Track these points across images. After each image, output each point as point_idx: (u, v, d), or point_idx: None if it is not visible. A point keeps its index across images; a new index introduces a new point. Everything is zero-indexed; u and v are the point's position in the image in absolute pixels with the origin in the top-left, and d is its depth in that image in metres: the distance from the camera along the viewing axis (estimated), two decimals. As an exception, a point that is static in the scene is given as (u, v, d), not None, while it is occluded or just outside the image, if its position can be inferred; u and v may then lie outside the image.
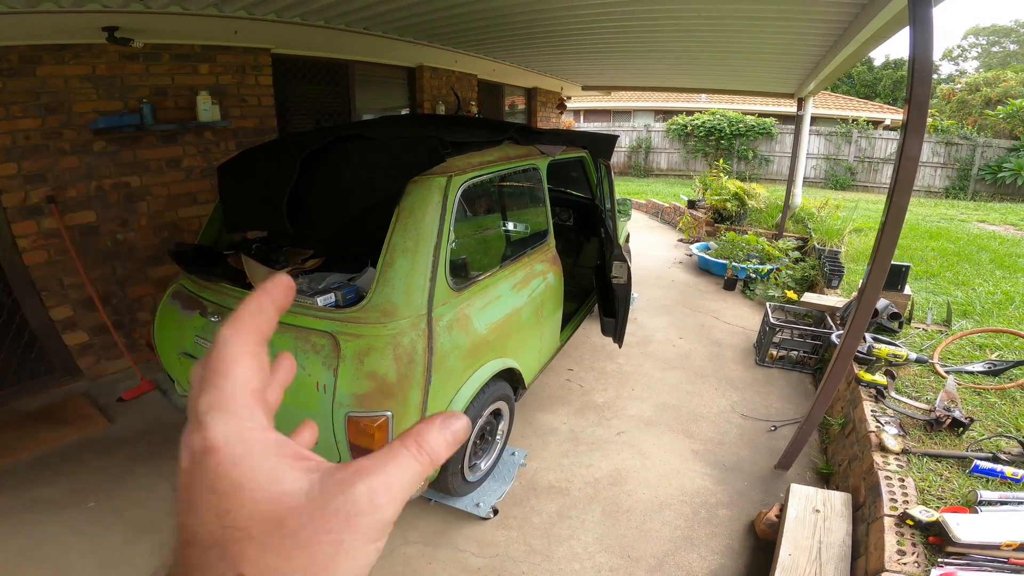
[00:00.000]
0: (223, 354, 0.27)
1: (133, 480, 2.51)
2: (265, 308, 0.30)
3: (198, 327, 2.03)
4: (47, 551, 2.09)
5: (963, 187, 12.09)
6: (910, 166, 1.96)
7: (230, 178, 2.32)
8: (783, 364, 3.79)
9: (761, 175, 13.53)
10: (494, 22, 3.96)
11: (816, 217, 6.50)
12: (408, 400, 1.75)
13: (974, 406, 2.53)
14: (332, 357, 1.72)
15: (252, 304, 0.29)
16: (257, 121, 3.91)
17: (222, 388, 0.26)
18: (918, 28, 1.86)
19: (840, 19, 3.08)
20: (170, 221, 3.55)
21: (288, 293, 0.31)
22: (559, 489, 2.54)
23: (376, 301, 1.78)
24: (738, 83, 6.60)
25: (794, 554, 1.93)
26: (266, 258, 2.24)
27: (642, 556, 2.17)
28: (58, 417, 2.93)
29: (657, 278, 5.79)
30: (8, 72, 2.71)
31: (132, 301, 3.44)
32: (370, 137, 2.18)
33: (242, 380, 0.27)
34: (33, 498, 2.36)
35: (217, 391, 0.26)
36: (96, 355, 3.31)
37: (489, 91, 7.08)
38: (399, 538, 2.22)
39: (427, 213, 1.88)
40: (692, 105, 15.80)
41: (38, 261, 2.98)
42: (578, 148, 3.26)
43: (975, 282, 4.47)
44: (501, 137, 2.48)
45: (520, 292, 2.42)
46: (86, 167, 3.09)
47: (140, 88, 3.22)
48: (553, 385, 3.47)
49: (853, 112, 14.65)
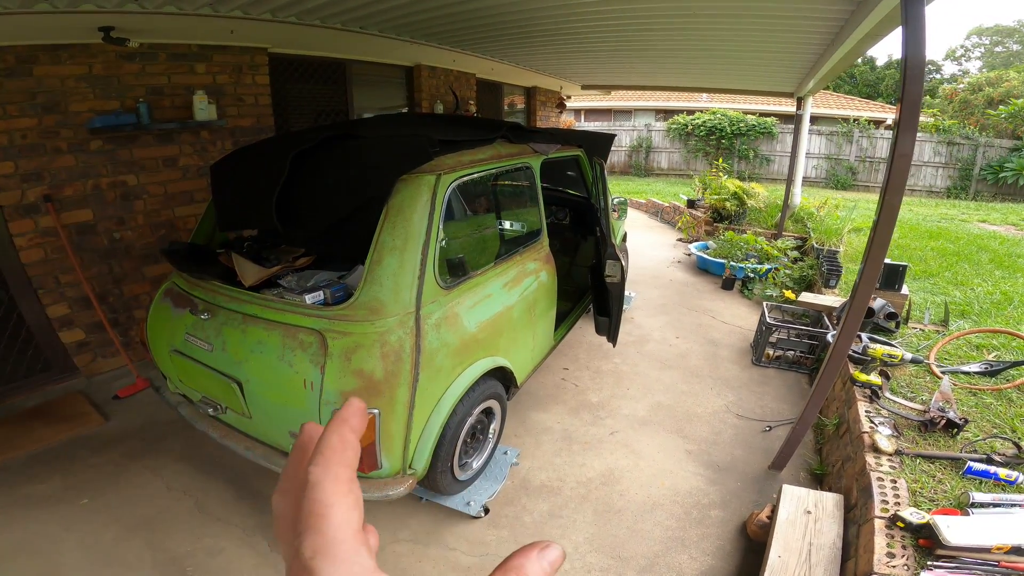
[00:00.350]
0: (318, 496, 0.27)
1: (127, 477, 2.51)
2: (347, 439, 0.29)
3: (188, 325, 2.04)
4: (39, 547, 2.09)
5: (965, 187, 12.04)
6: (903, 164, 1.95)
7: (222, 177, 2.32)
8: (779, 364, 3.78)
9: (762, 175, 13.49)
10: (492, 21, 3.96)
11: (815, 217, 6.48)
12: (396, 398, 1.75)
13: (969, 407, 2.51)
14: (320, 355, 1.72)
15: (334, 439, 0.29)
16: (254, 120, 3.92)
17: (325, 532, 0.26)
18: (910, 27, 1.85)
19: (836, 17, 3.07)
20: (167, 219, 3.56)
21: (363, 416, 0.31)
22: (551, 488, 2.54)
23: (364, 299, 1.78)
24: (738, 82, 6.58)
25: (784, 556, 1.92)
26: (257, 256, 2.24)
27: (632, 556, 2.16)
28: (54, 414, 2.94)
29: (655, 277, 5.78)
30: (4, 72, 2.73)
31: (128, 299, 3.46)
32: (360, 136, 2.18)
33: (344, 522, 0.26)
34: (27, 495, 2.37)
35: (320, 536, 0.26)
36: (92, 353, 3.33)
37: (488, 90, 7.08)
38: (389, 536, 2.22)
39: (415, 211, 1.88)
40: (693, 104, 15.77)
41: (35, 259, 3.00)
42: (573, 147, 3.25)
43: (974, 282, 4.45)
44: (493, 135, 2.48)
45: (512, 291, 2.42)
46: (83, 166, 3.11)
47: (136, 88, 3.24)
48: (548, 384, 3.47)
49: (855, 112, 14.61)
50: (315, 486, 0.27)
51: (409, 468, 1.92)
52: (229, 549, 2.13)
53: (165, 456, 2.67)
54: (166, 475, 2.54)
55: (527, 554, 0.29)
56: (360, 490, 0.29)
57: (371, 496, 1.84)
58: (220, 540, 2.17)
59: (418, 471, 1.94)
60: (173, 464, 2.62)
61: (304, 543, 0.26)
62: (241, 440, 2.07)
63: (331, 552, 0.25)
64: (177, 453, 2.70)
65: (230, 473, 2.56)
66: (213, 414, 2.11)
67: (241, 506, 2.36)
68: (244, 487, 2.47)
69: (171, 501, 2.38)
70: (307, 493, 0.27)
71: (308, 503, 0.27)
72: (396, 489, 1.85)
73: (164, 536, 2.19)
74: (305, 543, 0.26)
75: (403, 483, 1.88)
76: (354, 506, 0.28)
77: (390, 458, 1.82)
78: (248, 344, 1.85)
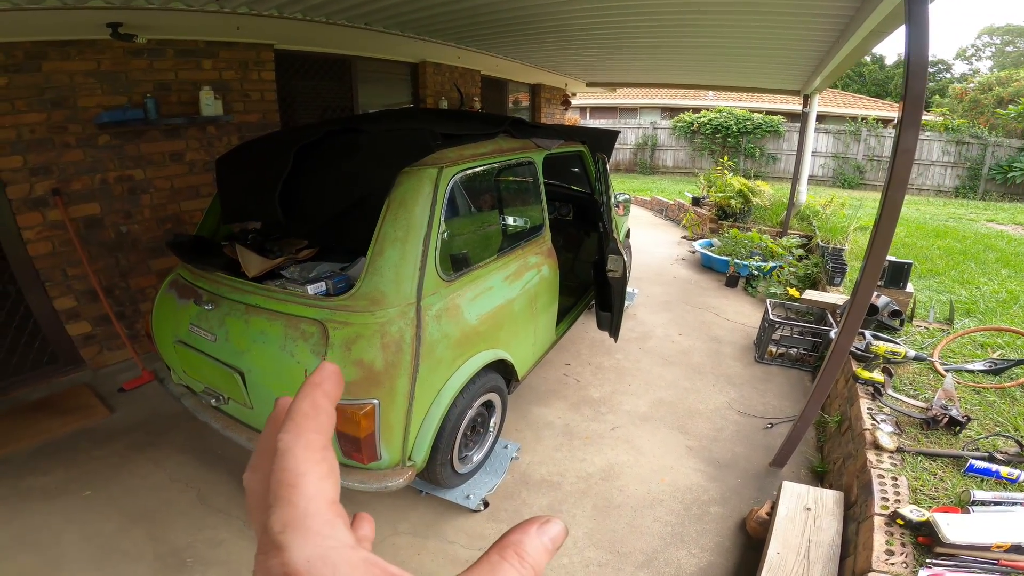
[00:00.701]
0: (288, 464, 0.25)
1: (129, 469, 2.54)
2: (320, 404, 0.27)
3: (193, 315, 2.06)
4: (40, 538, 2.11)
5: (973, 187, 11.93)
6: (906, 159, 1.94)
7: (227, 170, 2.35)
8: (782, 362, 3.77)
9: (768, 173, 13.42)
10: (496, 17, 3.96)
11: (821, 215, 6.45)
12: (395, 388, 1.76)
13: (973, 405, 2.50)
14: (320, 344, 1.73)
15: (305, 404, 0.27)
16: (260, 116, 3.95)
17: (295, 503, 0.23)
18: (913, 24, 1.84)
19: (842, 13, 3.05)
20: (173, 214, 3.60)
21: (338, 381, 0.29)
22: (551, 483, 2.54)
23: (365, 290, 1.80)
24: (744, 80, 6.55)
25: (782, 552, 1.91)
26: (261, 248, 2.26)
27: (631, 552, 2.17)
28: (60, 407, 2.97)
29: (658, 274, 5.77)
30: (13, 68, 2.76)
31: (135, 292, 3.49)
32: (363, 130, 2.20)
33: (317, 492, 0.24)
34: (29, 487, 2.39)
35: (291, 507, 0.23)
36: (99, 345, 3.37)
37: (493, 87, 7.08)
38: (389, 528, 2.24)
39: (417, 204, 1.89)
40: (699, 103, 15.69)
41: (42, 252, 3.03)
42: (576, 143, 3.25)
43: (980, 281, 4.41)
44: (495, 130, 2.49)
45: (513, 284, 2.42)
46: (91, 160, 3.14)
47: (144, 83, 3.27)
48: (550, 379, 3.48)
49: (863, 111, 14.49)
50: (285, 453, 0.25)
51: (408, 459, 1.93)
52: (229, 540, 2.15)
53: (168, 448, 2.70)
54: (169, 467, 2.56)
55: (525, 529, 0.27)
56: (335, 458, 0.27)
57: (370, 487, 1.85)
58: (220, 531, 2.19)
59: (417, 463, 1.95)
60: (176, 456, 2.64)
61: (273, 516, 0.23)
62: (243, 431, 2.09)
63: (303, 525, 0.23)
64: (180, 445, 2.72)
65: (232, 465, 2.58)
66: (215, 405, 2.13)
67: (242, 498, 2.34)
68: (246, 479, 2.50)
69: (173, 493, 2.40)
70: (276, 462, 0.25)
71: (277, 472, 0.25)
72: (395, 480, 1.86)
73: (165, 527, 2.20)
74: (274, 516, 0.23)
75: (402, 474, 1.89)
76: (327, 474, 0.25)
77: (389, 449, 1.83)
78: (251, 334, 1.87)
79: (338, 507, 0.25)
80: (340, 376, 0.30)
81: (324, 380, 0.28)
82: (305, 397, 0.27)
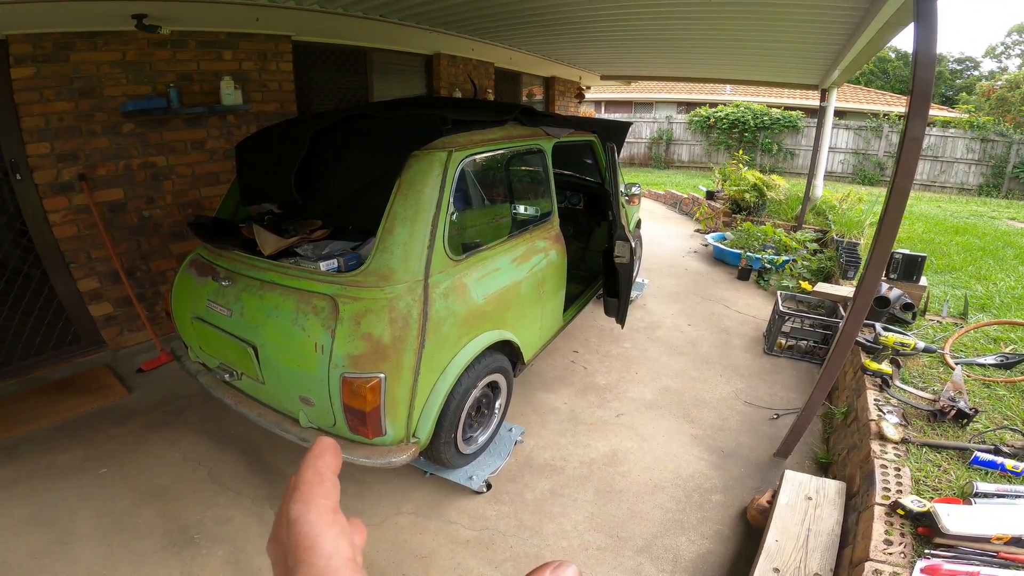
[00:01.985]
0: (303, 528, 0.27)
1: (145, 448, 2.59)
2: (323, 473, 0.30)
3: (211, 292, 2.14)
4: (55, 515, 2.16)
5: (997, 185, 11.63)
6: (914, 147, 1.94)
7: (246, 154, 2.43)
8: (792, 354, 3.75)
9: (786, 169, 13.22)
10: (511, 9, 3.98)
11: (837, 210, 6.36)
12: (401, 363, 1.81)
13: (982, 398, 2.47)
14: (331, 319, 1.79)
15: (309, 473, 0.29)
16: (278, 106, 4.04)
17: (315, 563, 0.25)
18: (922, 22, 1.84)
19: (857, 5, 3.02)
20: (193, 199, 3.70)
21: (336, 452, 0.31)
22: (554, 467, 2.57)
23: (375, 266, 1.85)
24: (761, 74, 6.48)
25: (781, 540, 1.90)
26: (277, 228, 2.33)
27: (631, 537, 2.18)
28: (80, 386, 3.07)
29: (670, 266, 5.75)
30: (43, 58, 2.86)
31: (155, 275, 3.61)
32: (376, 116, 2.25)
33: (335, 550, 0.26)
34: (48, 464, 2.45)
35: (311, 567, 0.25)
36: (120, 326, 3.49)
37: (506, 80, 7.10)
38: (392, 508, 2.28)
39: (427, 185, 1.94)
40: (716, 97, 15.50)
41: (68, 235, 3.15)
42: (587, 132, 3.27)
43: (997, 276, 4.33)
44: (505, 118, 2.52)
45: (520, 266, 2.46)
46: (115, 147, 3.25)
47: (167, 73, 3.37)
48: (557, 366, 3.51)
49: (885, 107, 14.18)
50: (298, 520, 0.27)
51: (413, 436, 1.98)
52: (237, 518, 2.19)
53: (183, 428, 2.76)
54: (183, 446, 2.62)
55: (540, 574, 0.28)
56: (345, 520, 0.29)
57: (375, 462, 1.89)
58: (229, 509, 2.23)
59: (421, 439, 2.00)
60: (191, 436, 2.70)
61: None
62: (254, 407, 2.16)
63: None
64: (195, 425, 2.79)
65: (244, 445, 2.64)
66: (228, 380, 2.21)
67: (252, 477, 2.43)
68: (256, 459, 2.55)
69: (186, 471, 2.45)
70: (290, 529, 0.27)
71: (293, 538, 0.26)
72: (399, 456, 1.91)
73: (176, 505, 2.25)
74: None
75: (406, 451, 1.93)
76: (341, 535, 0.27)
77: (394, 424, 1.88)
78: (264, 309, 1.94)
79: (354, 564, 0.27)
80: (338, 448, 0.32)
81: (324, 452, 0.31)
82: (308, 467, 0.30)
